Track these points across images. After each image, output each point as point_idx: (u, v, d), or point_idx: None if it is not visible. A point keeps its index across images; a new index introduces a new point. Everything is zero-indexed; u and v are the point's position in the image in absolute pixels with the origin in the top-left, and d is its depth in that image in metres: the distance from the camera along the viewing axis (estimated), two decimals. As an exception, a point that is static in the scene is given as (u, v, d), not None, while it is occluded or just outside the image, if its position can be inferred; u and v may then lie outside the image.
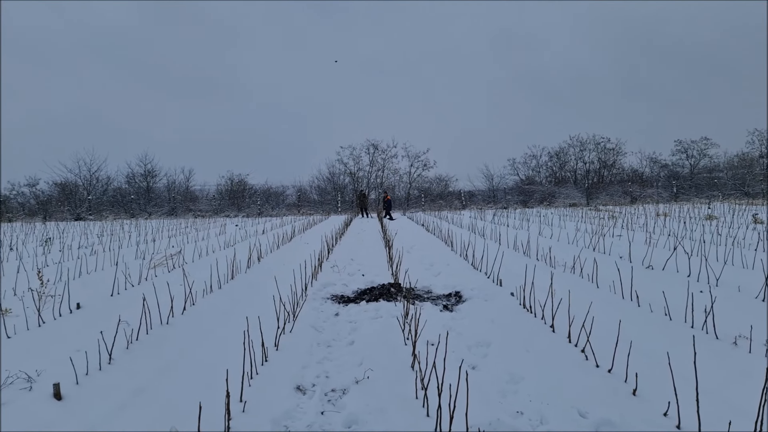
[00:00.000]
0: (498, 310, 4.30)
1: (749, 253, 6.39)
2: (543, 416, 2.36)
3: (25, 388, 2.59)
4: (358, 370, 3.01)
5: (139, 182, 32.96)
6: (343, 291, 5.32)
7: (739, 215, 13.09)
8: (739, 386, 2.54)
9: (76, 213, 28.80)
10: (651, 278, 5.16)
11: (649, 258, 6.13)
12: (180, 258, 7.53)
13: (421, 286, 5.43)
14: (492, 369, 2.97)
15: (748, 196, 26.59)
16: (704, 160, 33.73)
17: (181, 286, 4.92)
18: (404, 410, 2.44)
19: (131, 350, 3.28)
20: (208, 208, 31.01)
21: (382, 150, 34.44)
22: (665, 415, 2.27)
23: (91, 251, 9.16)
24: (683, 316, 3.68)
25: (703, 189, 30.19)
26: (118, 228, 16.48)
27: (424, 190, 34.15)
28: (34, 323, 3.82)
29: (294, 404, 2.57)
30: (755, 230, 9.31)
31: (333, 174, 34.56)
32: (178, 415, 2.28)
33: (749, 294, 4.30)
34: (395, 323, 3.92)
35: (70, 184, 31.00)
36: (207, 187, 34.50)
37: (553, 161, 36.23)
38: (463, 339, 3.54)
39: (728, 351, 3.07)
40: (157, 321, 3.91)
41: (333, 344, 3.60)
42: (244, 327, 3.18)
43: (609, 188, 31.55)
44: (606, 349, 2.93)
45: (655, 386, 2.49)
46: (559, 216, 16.60)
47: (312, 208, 31.65)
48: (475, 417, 2.20)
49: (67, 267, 6.62)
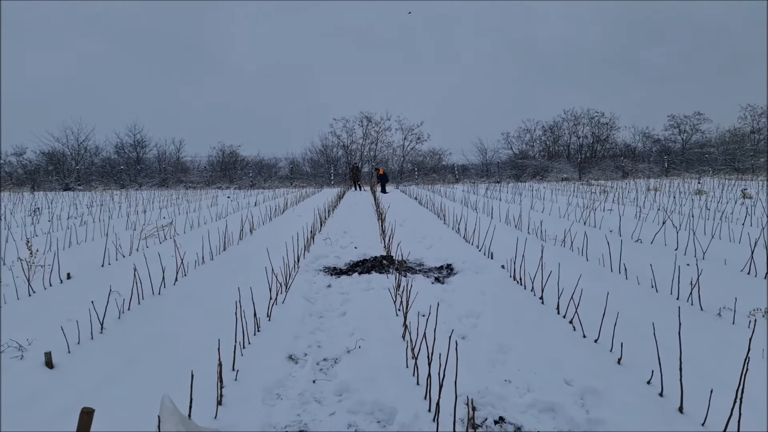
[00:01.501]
0: (489, 283, 4.35)
1: (737, 227, 6.48)
2: (530, 384, 2.41)
3: (16, 356, 2.59)
4: (350, 340, 3.04)
5: (129, 152, 32.33)
6: (335, 263, 5.34)
7: (728, 190, 13.23)
8: (722, 356, 2.61)
9: (65, 183, 28.33)
10: (640, 252, 5.24)
11: (639, 232, 6.20)
12: (171, 229, 7.47)
13: (413, 259, 5.46)
14: (482, 339, 3.03)
15: (738, 171, 26.83)
16: (696, 136, 33.76)
17: (172, 258, 4.89)
18: (395, 379, 2.49)
19: (123, 320, 3.29)
20: (199, 180, 30.66)
21: (375, 123, 33.96)
22: (648, 384, 2.33)
23: (80, 222, 9.05)
24: (669, 288, 3.75)
25: (694, 164, 30.37)
26: (108, 199, 16.27)
27: (418, 164, 33.94)
28: (24, 293, 3.80)
29: (286, 373, 2.61)
30: (743, 205, 9.42)
31: (326, 147, 34.16)
32: (170, 383, 2.30)
33: (735, 267, 4.39)
34: (387, 295, 3.95)
35: (58, 154, 30.35)
36: (198, 159, 33.99)
37: (546, 135, 36.06)
38: (453, 310, 3.59)
39: (712, 322, 3.15)
40: (149, 292, 3.90)
41: (325, 315, 3.63)
42: (237, 298, 3.19)
43: (601, 163, 31.60)
44: (593, 320, 2.98)
45: (639, 356, 2.55)
46: (551, 190, 16.65)
47: (305, 180, 31.41)
48: (464, 386, 2.25)
49: (57, 237, 6.54)
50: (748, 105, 31.62)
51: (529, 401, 2.25)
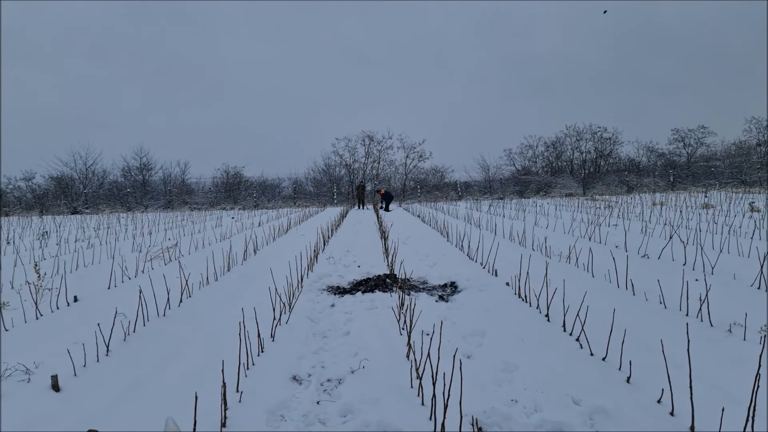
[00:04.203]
0: (493, 300, 4.32)
1: (745, 241, 6.42)
2: (537, 404, 2.37)
3: (23, 380, 2.60)
4: (354, 360, 3.02)
5: (135, 175, 32.78)
6: (338, 282, 5.33)
7: (736, 204, 13.13)
8: (733, 373, 2.56)
9: (73, 206, 28.67)
10: (646, 267, 5.19)
11: (645, 247, 6.16)
12: (176, 251, 7.51)
13: (417, 277, 5.44)
14: (487, 358, 2.99)
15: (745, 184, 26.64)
16: (701, 149, 33.69)
17: (177, 279, 4.91)
18: (399, 399, 2.46)
19: (129, 342, 3.29)
20: (204, 201, 30.90)
21: (377, 141, 34.23)
22: (659, 402, 2.29)
23: (87, 244, 9.13)
24: (678, 304, 3.71)
25: (700, 178, 30.22)
26: (115, 221, 16.43)
27: (420, 181, 34.05)
28: (31, 316, 3.83)
29: (290, 394, 2.58)
30: (752, 218, 9.34)
31: (329, 166, 34.41)
32: (174, 406, 2.29)
33: (745, 282, 4.33)
34: (391, 314, 3.93)
35: (66, 178, 30.82)
36: (203, 180, 34.36)
37: (549, 151, 36.13)
38: (458, 329, 3.56)
39: (723, 338, 3.09)
40: (154, 313, 3.91)
41: (329, 335, 3.61)
42: (240, 318, 3.19)
43: (605, 178, 31.54)
44: (601, 337, 2.95)
45: (649, 374, 2.51)
46: (555, 206, 16.62)
47: (308, 200, 31.56)
48: (470, 405, 2.22)
49: (64, 260, 6.60)
50: (752, 118, 31.63)
51: (537, 421, 2.21)
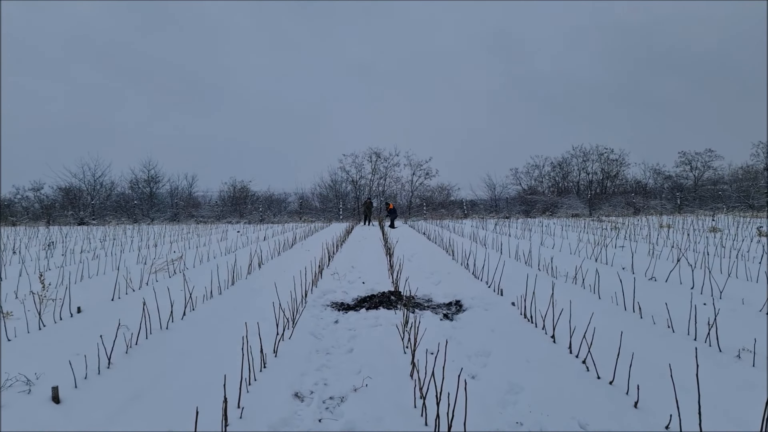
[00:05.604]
0: (498, 320, 4.27)
1: (753, 266, 6.35)
2: (543, 427, 2.33)
3: (24, 391, 2.58)
4: (357, 377, 2.99)
5: (143, 188, 33.13)
6: (343, 298, 5.30)
7: (744, 228, 13.03)
8: (742, 399, 2.51)
9: (80, 217, 28.94)
10: (654, 290, 5.13)
11: (652, 269, 6.10)
12: (181, 263, 7.53)
13: (422, 295, 5.41)
14: (492, 379, 2.95)
15: (753, 208, 26.48)
16: (708, 172, 33.65)
17: (181, 292, 4.92)
18: (402, 419, 2.42)
19: (130, 355, 3.28)
20: (210, 214, 31.10)
21: (384, 158, 34.57)
22: (667, 428, 2.24)
23: (93, 255, 9.18)
24: (686, 328, 3.65)
25: (707, 201, 30.10)
26: (121, 233, 16.54)
27: (426, 199, 34.16)
28: (34, 326, 3.83)
29: (292, 411, 2.55)
30: (759, 243, 9.25)
31: (335, 182, 34.66)
32: (175, 420, 2.27)
33: (753, 307, 4.27)
34: (395, 331, 3.90)
35: (75, 189, 31.21)
36: (209, 193, 34.69)
37: (555, 171, 36.25)
38: (462, 348, 3.52)
39: (731, 364, 3.03)
40: (156, 326, 3.90)
41: (332, 351, 3.58)
42: (244, 333, 3.17)
43: (612, 199, 31.48)
44: (607, 360, 2.90)
45: (657, 399, 2.46)
46: (561, 226, 16.55)
47: (314, 215, 31.69)
48: (474, 427, 2.18)
49: (69, 271, 6.63)
50: (759, 142, 31.62)
51: (542, 445, 2.16)
